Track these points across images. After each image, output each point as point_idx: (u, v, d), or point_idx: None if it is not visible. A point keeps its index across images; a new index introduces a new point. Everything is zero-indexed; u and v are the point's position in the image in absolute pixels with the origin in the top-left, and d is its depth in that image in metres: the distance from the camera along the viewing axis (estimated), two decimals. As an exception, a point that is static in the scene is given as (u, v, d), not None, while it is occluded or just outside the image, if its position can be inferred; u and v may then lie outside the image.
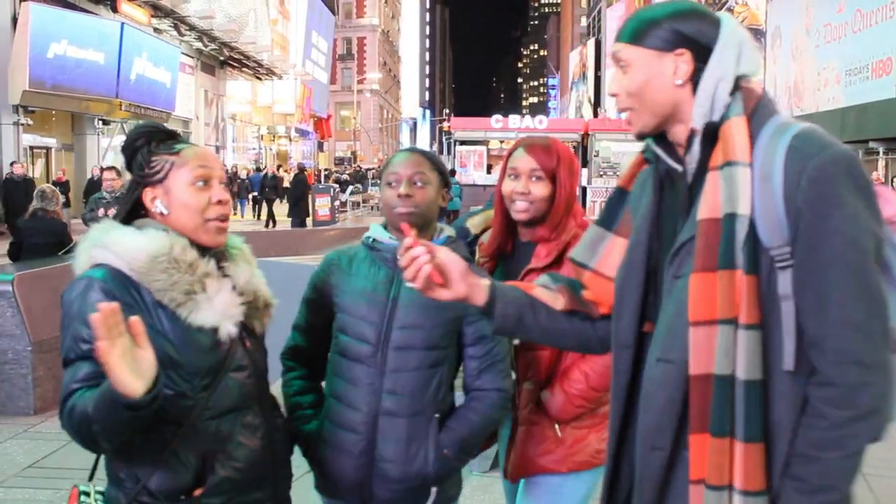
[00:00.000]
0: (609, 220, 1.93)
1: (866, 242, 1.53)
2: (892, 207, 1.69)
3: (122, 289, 1.90)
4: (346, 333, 2.42)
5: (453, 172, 23.97)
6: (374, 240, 2.46)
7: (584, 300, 1.96)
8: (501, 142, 30.21)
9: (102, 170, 10.89)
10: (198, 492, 1.95)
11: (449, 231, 2.52)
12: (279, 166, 38.04)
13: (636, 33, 1.71)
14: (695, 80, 1.67)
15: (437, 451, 2.38)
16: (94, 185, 19.04)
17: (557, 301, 1.97)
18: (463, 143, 29.57)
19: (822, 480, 1.52)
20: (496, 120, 30.33)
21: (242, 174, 31.71)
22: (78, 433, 1.81)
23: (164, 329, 1.92)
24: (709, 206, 1.61)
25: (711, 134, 1.65)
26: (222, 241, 2.07)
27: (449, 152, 31.47)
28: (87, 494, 2.01)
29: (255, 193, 28.92)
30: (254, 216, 28.84)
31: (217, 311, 1.97)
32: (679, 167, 1.74)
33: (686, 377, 1.61)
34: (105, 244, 1.95)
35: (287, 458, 2.27)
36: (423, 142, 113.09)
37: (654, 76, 1.69)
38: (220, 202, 2.03)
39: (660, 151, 1.77)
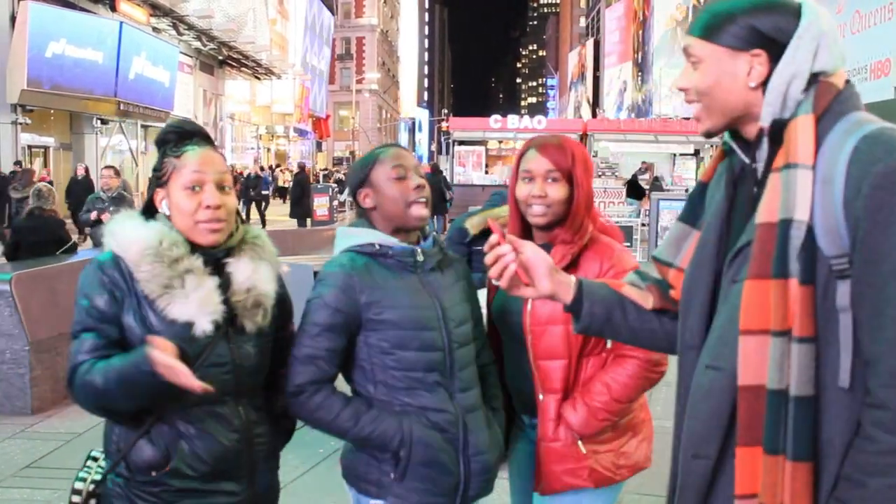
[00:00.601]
0: (692, 216, 1.82)
1: None
2: None
3: (119, 274, 2.08)
4: (405, 349, 2.27)
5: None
6: (380, 246, 2.34)
7: (672, 299, 1.87)
8: (500, 142, 30.20)
9: (87, 169, 10.86)
10: (154, 473, 2.06)
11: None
12: (271, 166, 37.98)
13: (709, 28, 1.61)
14: (767, 82, 1.58)
15: (500, 434, 2.48)
16: (77, 185, 18.95)
17: (647, 300, 1.92)
18: (461, 143, 29.53)
19: None
20: (495, 120, 30.29)
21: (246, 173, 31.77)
22: (86, 400, 2.03)
23: (147, 316, 2.06)
24: (767, 209, 1.53)
25: (778, 132, 1.57)
26: (215, 240, 2.14)
27: (447, 152, 31.44)
28: (96, 460, 2.20)
29: (265, 192, 29.11)
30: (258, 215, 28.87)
31: (192, 306, 2.05)
32: (753, 163, 1.65)
33: (734, 387, 1.55)
34: (113, 233, 2.13)
35: (274, 452, 2.32)
36: (422, 142, 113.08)
37: (727, 76, 1.60)
38: (209, 206, 2.10)
39: (734, 145, 1.69)
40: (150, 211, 2.18)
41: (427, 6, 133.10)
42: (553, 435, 2.49)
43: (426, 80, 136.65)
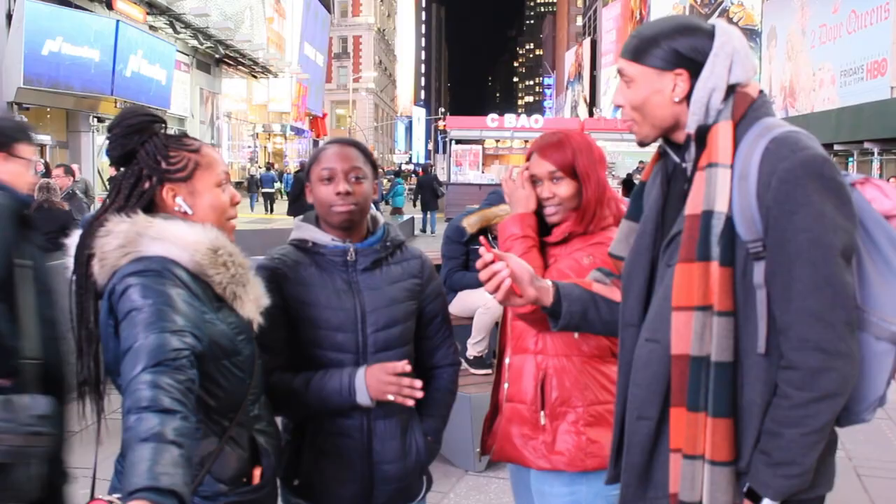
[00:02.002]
0: (636, 213, 2.05)
1: (830, 240, 1.66)
2: (890, 201, 1.81)
3: (191, 278, 1.87)
4: (320, 347, 2.32)
5: (398, 173, 24.14)
6: (313, 243, 2.36)
7: None
8: (497, 141, 30.26)
9: (47, 166, 10.84)
10: (257, 470, 2.01)
11: (381, 218, 2.49)
12: (270, 164, 38.01)
13: (637, 51, 1.85)
14: (690, 96, 1.82)
15: (424, 439, 2.43)
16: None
17: (614, 293, 2.14)
18: (458, 141, 29.58)
19: (783, 455, 1.68)
20: (492, 119, 30.36)
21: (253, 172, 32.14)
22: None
23: (223, 320, 1.92)
24: (693, 203, 1.78)
25: (702, 136, 1.80)
26: (233, 239, 2.08)
27: (444, 151, 31.47)
28: None
29: (266, 190, 30.02)
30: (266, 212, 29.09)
31: (255, 303, 2.01)
32: (683, 163, 1.89)
33: (669, 356, 1.79)
34: (162, 235, 1.86)
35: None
36: (419, 140, 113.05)
37: (655, 93, 1.84)
38: (236, 202, 2.09)
39: (667, 147, 1.94)
40: (147, 209, 1.95)
41: (424, 5, 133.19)
42: (520, 397, 2.56)
43: (423, 79, 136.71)
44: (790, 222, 1.67)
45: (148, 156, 1.96)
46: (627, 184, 20.57)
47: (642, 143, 1.93)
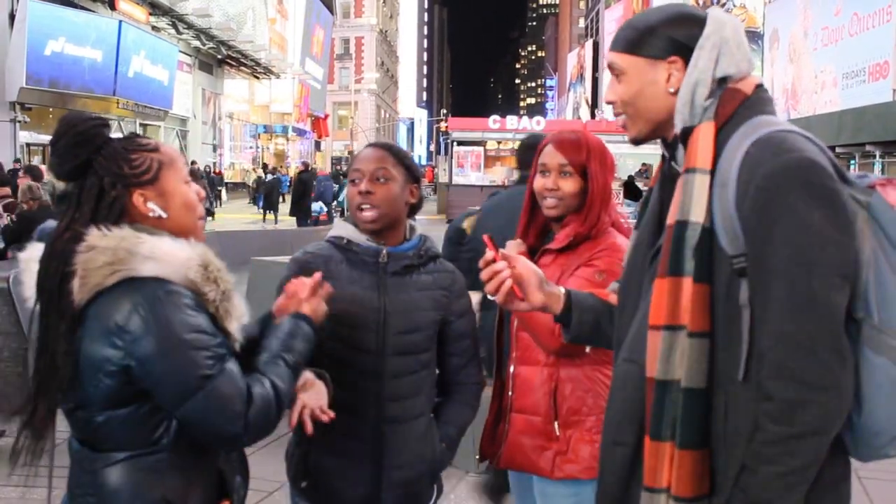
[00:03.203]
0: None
1: (816, 255, 1.47)
2: None
3: (192, 296, 1.75)
4: (340, 341, 2.31)
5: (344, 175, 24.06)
6: (348, 241, 2.38)
7: None
8: (499, 142, 30.22)
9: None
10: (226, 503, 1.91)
11: (418, 228, 2.49)
12: (275, 168, 37.91)
13: (630, 42, 1.71)
14: None
15: (439, 447, 2.42)
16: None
17: None
18: (460, 143, 29.55)
19: (758, 493, 1.50)
20: (494, 120, 30.33)
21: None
22: (271, 422, 1.80)
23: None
24: (672, 212, 1.62)
25: (685, 139, 1.65)
26: (205, 240, 1.95)
27: (446, 152, 31.44)
28: None
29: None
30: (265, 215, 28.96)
31: (238, 320, 1.89)
32: (676, 167, 1.73)
33: (645, 379, 1.63)
34: (154, 255, 1.73)
35: None
36: (421, 142, 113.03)
37: (648, 85, 1.69)
38: (202, 198, 1.97)
39: (664, 151, 1.77)
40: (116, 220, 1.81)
41: (426, 6, 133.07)
42: (533, 409, 2.55)
43: (425, 80, 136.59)
44: (769, 234, 1.49)
45: (107, 162, 1.80)
46: (629, 186, 20.54)
47: (635, 141, 1.77)
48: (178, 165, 1.90)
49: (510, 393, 2.61)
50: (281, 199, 28.76)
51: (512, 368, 2.62)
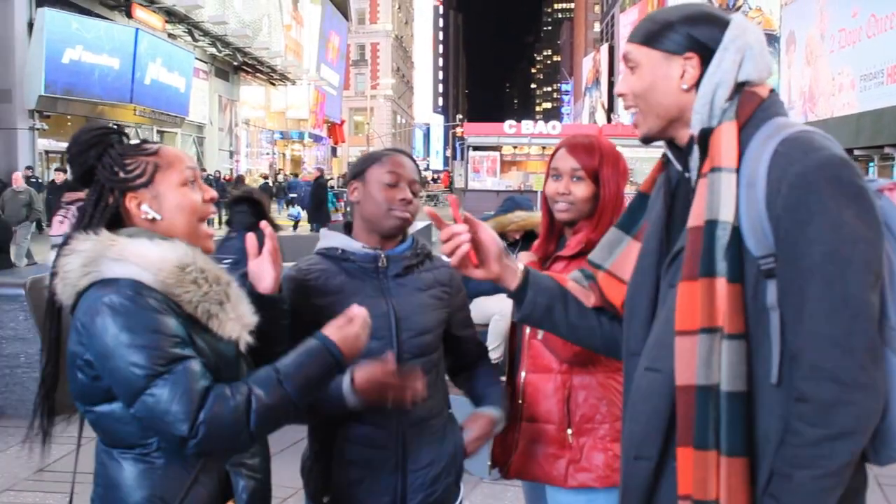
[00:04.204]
0: (629, 223, 1.92)
1: (850, 252, 1.45)
2: None
3: (162, 297, 1.75)
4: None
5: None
6: (342, 251, 2.33)
7: (606, 300, 1.94)
8: (514, 147, 30.23)
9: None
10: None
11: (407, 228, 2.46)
12: (295, 174, 38.10)
13: (648, 34, 1.69)
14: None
15: (461, 445, 2.40)
16: (57, 191, 16.47)
17: (589, 298, 1.97)
18: (476, 148, 29.59)
19: (793, 500, 1.47)
20: (509, 125, 30.34)
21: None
22: (235, 431, 1.72)
23: (201, 341, 1.80)
24: (695, 214, 1.59)
25: (705, 139, 1.63)
26: (213, 247, 1.97)
27: (462, 157, 31.49)
28: None
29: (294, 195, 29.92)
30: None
31: (240, 321, 1.87)
32: (686, 172, 1.72)
33: (673, 388, 1.58)
34: (123, 256, 1.75)
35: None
36: (437, 147, 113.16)
37: (661, 79, 1.67)
38: (211, 199, 1.96)
39: (671, 155, 1.75)
40: (114, 225, 1.86)
41: (441, 12, 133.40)
42: (546, 417, 2.52)
43: (441, 86, 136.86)
44: (803, 234, 1.47)
45: (105, 169, 1.86)
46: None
47: (645, 138, 1.74)
48: (178, 168, 1.90)
49: (520, 401, 2.57)
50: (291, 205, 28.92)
51: (523, 376, 2.58)
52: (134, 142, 1.95)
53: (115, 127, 1.95)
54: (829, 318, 1.45)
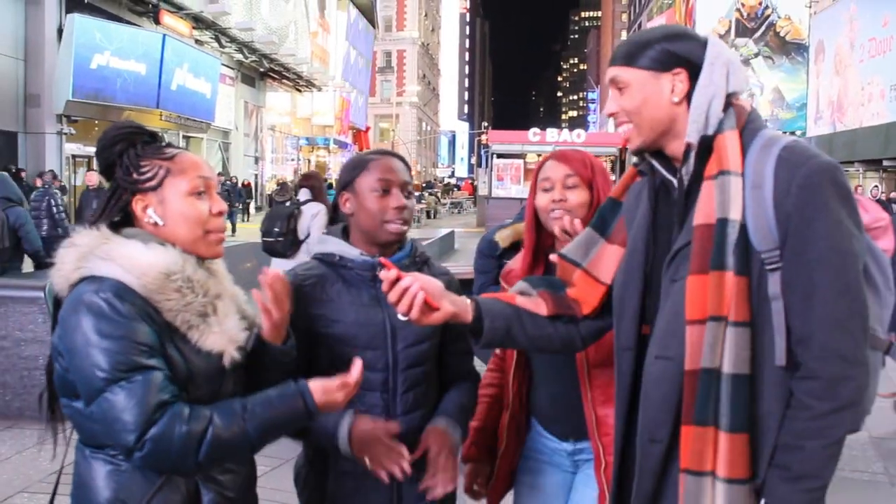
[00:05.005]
0: (602, 226, 2.04)
1: (848, 246, 1.65)
2: (869, 215, 1.90)
3: (142, 301, 1.75)
4: (346, 365, 2.15)
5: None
6: (340, 257, 2.28)
7: (567, 300, 2.04)
8: (539, 155, 30.13)
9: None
10: None
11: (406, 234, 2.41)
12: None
13: (630, 55, 1.82)
14: (690, 97, 1.79)
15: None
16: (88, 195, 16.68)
17: (540, 307, 2.04)
18: (500, 156, 29.56)
19: (804, 468, 1.63)
20: (534, 133, 30.32)
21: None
22: (182, 456, 1.68)
23: (176, 351, 1.78)
24: (703, 212, 1.72)
25: (706, 146, 1.77)
26: (221, 252, 1.95)
27: (487, 165, 31.46)
28: None
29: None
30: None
31: (225, 335, 1.85)
32: (673, 179, 1.85)
33: (682, 373, 1.72)
34: (110, 256, 1.77)
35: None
36: (462, 154, 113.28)
37: (652, 95, 1.80)
38: (220, 213, 1.93)
39: (656, 164, 1.89)
40: (119, 223, 1.90)
41: (468, 19, 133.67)
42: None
43: (466, 93, 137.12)
44: (811, 229, 1.64)
45: (121, 168, 1.88)
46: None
47: (638, 151, 1.88)
48: (189, 176, 1.89)
49: (599, 440, 2.37)
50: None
51: (594, 413, 2.37)
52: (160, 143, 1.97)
53: (146, 129, 1.96)
54: (836, 303, 1.63)
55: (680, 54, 1.79)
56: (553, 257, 2.21)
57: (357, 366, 1.92)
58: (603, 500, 2.37)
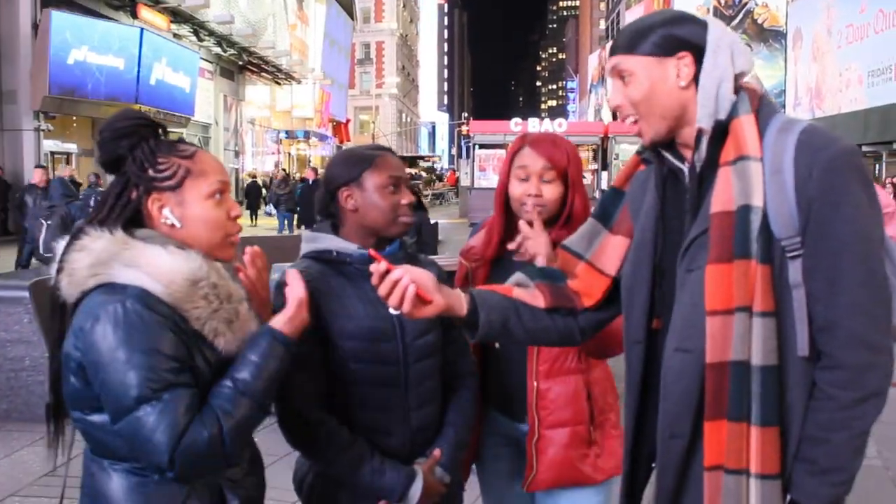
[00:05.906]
0: (605, 217, 1.99)
1: (872, 232, 1.61)
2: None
3: (168, 311, 1.68)
4: (361, 360, 2.18)
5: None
6: (337, 253, 2.24)
7: (567, 292, 1.98)
8: (520, 145, 30.10)
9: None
10: None
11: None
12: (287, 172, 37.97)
13: (632, 43, 1.75)
14: (697, 81, 1.72)
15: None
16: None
17: (538, 299, 1.98)
18: (482, 146, 29.49)
19: (830, 461, 1.59)
20: (515, 123, 30.22)
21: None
22: (212, 456, 1.67)
23: (203, 360, 1.74)
24: (721, 199, 1.66)
25: (720, 132, 1.70)
26: (233, 254, 1.89)
27: (468, 156, 31.39)
28: None
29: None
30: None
31: (245, 340, 1.80)
32: (682, 166, 1.78)
33: (703, 366, 1.65)
34: (136, 262, 1.69)
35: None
36: (442, 145, 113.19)
37: (658, 81, 1.72)
38: (237, 216, 1.88)
39: (665, 153, 1.81)
40: (132, 222, 1.80)
41: (446, 10, 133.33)
42: (576, 418, 2.45)
43: (446, 84, 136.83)
44: (836, 213, 1.58)
45: (135, 162, 1.77)
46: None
47: (653, 143, 1.78)
48: (210, 179, 1.81)
49: (535, 413, 2.46)
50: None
51: (535, 384, 2.46)
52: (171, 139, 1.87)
53: (154, 121, 1.85)
54: (862, 290, 1.58)
55: (683, 38, 1.71)
56: (543, 256, 2.25)
57: (293, 275, 1.92)
58: (529, 471, 2.46)
